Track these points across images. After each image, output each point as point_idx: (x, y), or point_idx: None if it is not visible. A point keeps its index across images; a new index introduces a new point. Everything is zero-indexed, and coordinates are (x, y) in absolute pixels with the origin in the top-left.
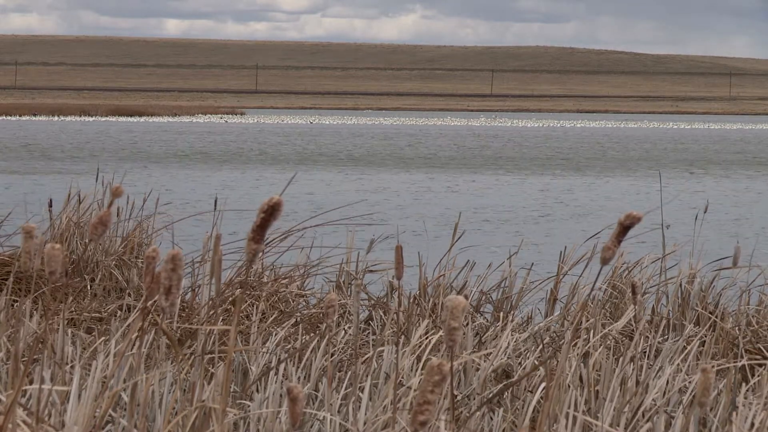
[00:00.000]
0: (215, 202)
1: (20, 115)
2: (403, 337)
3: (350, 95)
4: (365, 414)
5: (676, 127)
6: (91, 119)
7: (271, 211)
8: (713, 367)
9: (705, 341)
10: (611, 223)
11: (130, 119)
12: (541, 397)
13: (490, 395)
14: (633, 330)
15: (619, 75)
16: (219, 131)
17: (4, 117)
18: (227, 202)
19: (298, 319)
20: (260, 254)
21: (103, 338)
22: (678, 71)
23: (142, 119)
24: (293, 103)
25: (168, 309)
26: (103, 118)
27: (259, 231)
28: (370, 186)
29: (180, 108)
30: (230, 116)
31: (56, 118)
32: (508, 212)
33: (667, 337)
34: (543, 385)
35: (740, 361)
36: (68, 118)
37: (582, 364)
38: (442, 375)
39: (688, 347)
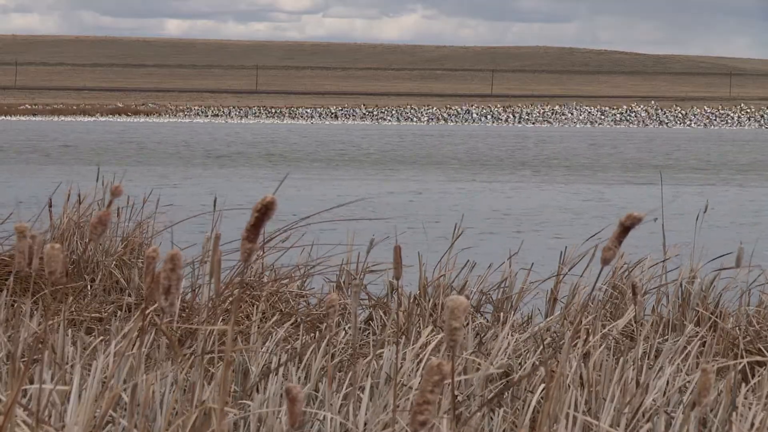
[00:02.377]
0: (215, 201)
1: (20, 115)
2: (403, 337)
3: (350, 95)
4: (365, 414)
5: (675, 127)
6: (91, 119)
7: (264, 211)
8: (713, 366)
9: (705, 341)
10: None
11: (130, 119)
12: (541, 397)
13: (491, 396)
14: (633, 330)
15: (619, 75)
16: (219, 131)
17: (4, 117)
18: (227, 202)
19: (299, 319)
20: (256, 253)
21: (102, 338)
22: (678, 71)
23: (143, 119)
24: (293, 103)
25: (168, 309)
26: (103, 118)
27: (253, 230)
28: (385, 188)
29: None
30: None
31: (56, 118)
32: (522, 215)
33: (668, 338)
34: (543, 385)
35: (740, 361)
36: (68, 118)
37: (582, 365)
38: (442, 375)
39: (689, 347)
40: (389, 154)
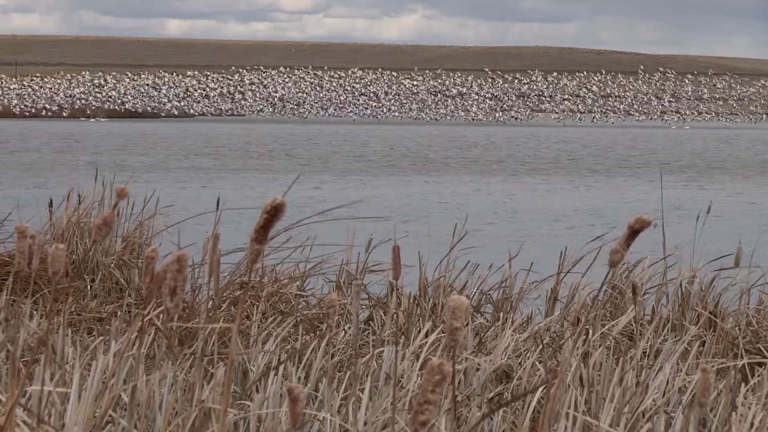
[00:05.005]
0: (217, 201)
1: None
2: (403, 337)
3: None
4: (365, 414)
5: (674, 127)
6: (91, 119)
7: (274, 212)
8: (713, 367)
9: (705, 341)
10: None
11: (130, 120)
12: (542, 397)
13: (492, 396)
14: (633, 330)
15: (619, 75)
16: (222, 132)
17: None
18: (228, 203)
19: (299, 319)
20: (262, 255)
21: (102, 338)
22: (678, 71)
23: (142, 120)
24: None
25: (172, 309)
26: (104, 119)
27: (262, 232)
28: (401, 191)
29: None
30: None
31: (57, 118)
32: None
33: (667, 338)
34: (543, 385)
35: (740, 361)
36: (68, 119)
37: (582, 364)
38: (443, 375)
39: (689, 347)
40: (393, 153)
